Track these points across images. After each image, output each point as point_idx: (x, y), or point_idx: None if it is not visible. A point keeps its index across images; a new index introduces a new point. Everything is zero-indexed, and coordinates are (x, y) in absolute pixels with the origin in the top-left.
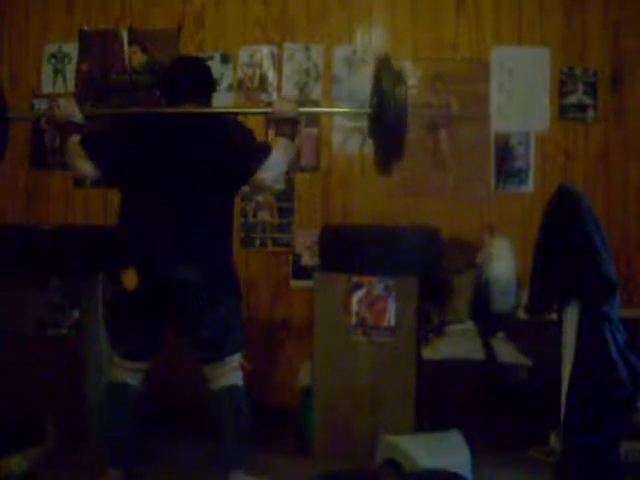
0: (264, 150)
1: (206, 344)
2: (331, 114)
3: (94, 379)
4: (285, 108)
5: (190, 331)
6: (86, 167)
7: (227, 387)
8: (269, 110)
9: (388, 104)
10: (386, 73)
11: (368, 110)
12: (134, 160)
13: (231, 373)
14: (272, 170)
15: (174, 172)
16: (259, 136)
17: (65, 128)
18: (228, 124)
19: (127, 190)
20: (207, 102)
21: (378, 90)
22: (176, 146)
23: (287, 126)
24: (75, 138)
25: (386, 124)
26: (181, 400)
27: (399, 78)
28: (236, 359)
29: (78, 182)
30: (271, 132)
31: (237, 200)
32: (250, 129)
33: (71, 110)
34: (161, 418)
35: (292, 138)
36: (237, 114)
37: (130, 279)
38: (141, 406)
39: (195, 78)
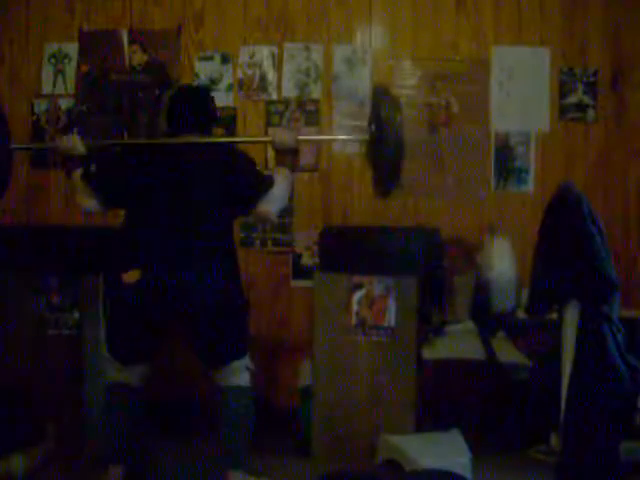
0: (266, 183)
1: (211, 352)
2: (331, 141)
3: (94, 379)
4: (285, 138)
5: (194, 340)
6: (90, 202)
7: (233, 388)
8: (269, 140)
9: (386, 131)
10: (383, 101)
11: (367, 137)
12: (136, 193)
13: (237, 374)
14: (274, 202)
15: (176, 203)
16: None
17: (68, 161)
18: (231, 155)
19: (131, 214)
20: (209, 132)
21: (376, 118)
22: (179, 178)
23: (287, 156)
24: (78, 173)
25: (384, 150)
26: (182, 399)
27: (396, 106)
28: (243, 362)
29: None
30: (271, 157)
31: None
32: (253, 160)
33: (73, 144)
34: (161, 417)
35: (292, 168)
36: (238, 143)
37: (130, 275)
38: (141, 405)
39: (197, 109)
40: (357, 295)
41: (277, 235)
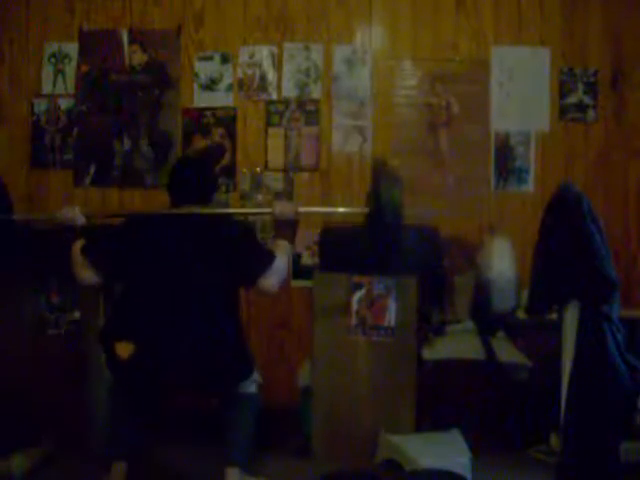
0: (267, 257)
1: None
2: (331, 214)
3: (94, 379)
4: (285, 210)
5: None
6: (88, 275)
7: (240, 395)
8: (269, 212)
9: (384, 208)
10: (382, 176)
11: (366, 210)
12: (135, 266)
13: (245, 388)
14: (275, 276)
15: (176, 276)
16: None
17: (68, 232)
18: (232, 228)
19: (129, 285)
20: (209, 202)
21: (375, 193)
22: (178, 249)
23: (287, 227)
24: (77, 245)
25: (383, 225)
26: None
27: (395, 181)
28: (252, 379)
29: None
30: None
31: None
32: (253, 230)
33: (73, 216)
34: (162, 415)
35: (292, 240)
36: (238, 214)
37: (124, 349)
38: (142, 404)
39: (196, 182)
40: (357, 295)
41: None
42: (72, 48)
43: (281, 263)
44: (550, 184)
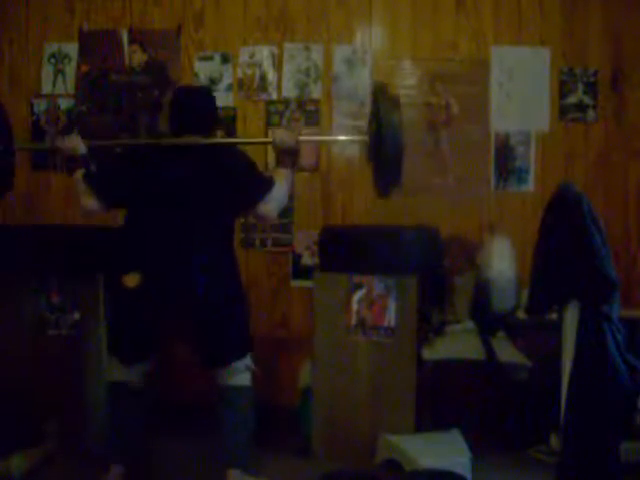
0: (266, 183)
1: (211, 353)
2: (331, 142)
3: (94, 379)
4: (285, 138)
5: (195, 341)
6: (91, 202)
7: (233, 387)
8: (269, 140)
9: (385, 131)
10: (382, 100)
11: (366, 138)
12: (137, 192)
13: (238, 374)
14: (274, 202)
15: (177, 203)
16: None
17: (70, 162)
18: (231, 156)
19: (132, 214)
20: (210, 133)
21: (375, 117)
22: (179, 178)
23: (287, 156)
24: (79, 173)
25: (384, 150)
26: (183, 397)
27: (395, 105)
28: (244, 362)
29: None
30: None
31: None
32: (253, 161)
33: (74, 144)
34: (162, 415)
35: (292, 168)
36: (238, 144)
37: (131, 279)
38: (142, 404)
39: (198, 110)
40: (357, 295)
41: (277, 235)
42: (72, 48)
43: (281, 189)
44: (550, 184)
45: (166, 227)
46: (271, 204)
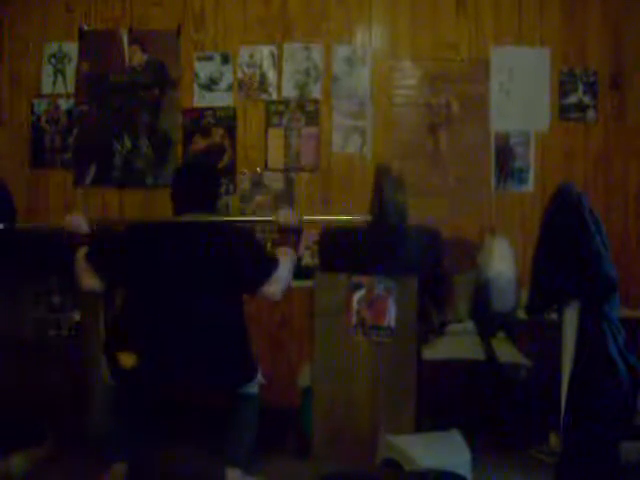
0: (271, 264)
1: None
2: (333, 222)
3: (94, 380)
4: (289, 219)
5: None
6: (92, 282)
7: (240, 395)
8: (273, 219)
9: (388, 214)
10: (386, 184)
11: (369, 219)
12: (139, 273)
13: (247, 389)
14: (278, 283)
15: (179, 285)
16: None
17: (73, 239)
18: (236, 236)
19: (132, 294)
20: (213, 210)
21: (378, 200)
22: (180, 259)
23: (291, 235)
24: (82, 252)
25: (386, 231)
26: (183, 398)
27: (399, 187)
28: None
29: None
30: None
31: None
32: (257, 239)
33: (78, 223)
34: (162, 415)
35: (296, 247)
36: (242, 222)
37: (127, 359)
38: (143, 404)
39: (200, 189)
40: (357, 295)
41: (277, 235)
42: (72, 48)
43: (284, 270)
44: (550, 184)
45: (166, 308)
46: (275, 285)
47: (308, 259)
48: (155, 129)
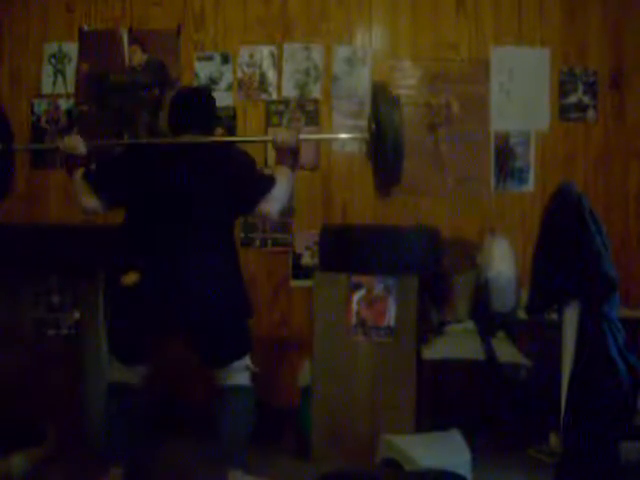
0: (268, 181)
1: (211, 352)
2: (331, 141)
3: (94, 379)
4: (286, 138)
5: (194, 341)
6: (91, 201)
7: (232, 387)
8: (270, 139)
9: (385, 129)
10: (382, 99)
11: (367, 136)
12: (138, 192)
13: (237, 374)
14: (275, 201)
15: (178, 202)
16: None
17: (70, 161)
18: (232, 155)
19: (131, 214)
20: (210, 132)
21: (375, 115)
22: (180, 177)
23: (288, 155)
24: (79, 173)
25: (384, 148)
26: (183, 397)
27: (395, 104)
28: (243, 362)
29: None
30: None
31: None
32: (253, 160)
33: (74, 144)
34: (162, 416)
35: (293, 167)
36: (239, 143)
37: (129, 278)
38: (142, 405)
39: (198, 109)
40: (357, 295)
41: (277, 235)
42: (72, 48)
43: (282, 188)
44: (550, 184)
45: (165, 227)
46: (272, 203)
47: (308, 259)
48: (155, 129)
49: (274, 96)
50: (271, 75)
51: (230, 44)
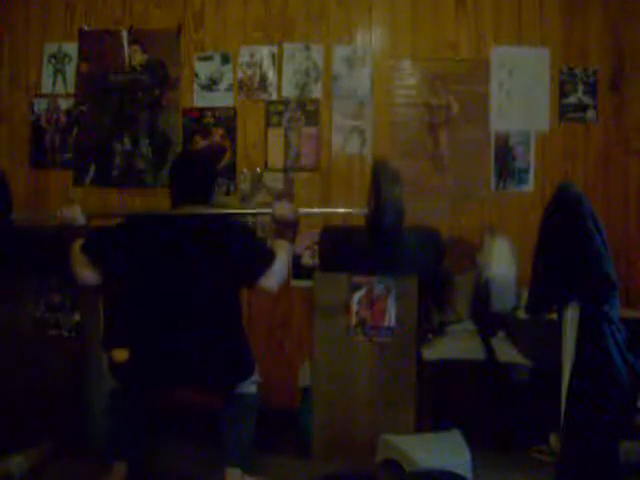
0: (267, 257)
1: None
2: (330, 214)
3: (94, 380)
4: (285, 212)
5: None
6: (87, 274)
7: (238, 395)
8: (269, 212)
9: (385, 209)
10: (383, 177)
11: (365, 211)
12: (135, 266)
13: (244, 387)
14: (275, 276)
15: (175, 277)
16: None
17: (68, 232)
18: (232, 228)
19: (129, 288)
20: (209, 202)
21: (376, 193)
22: (179, 251)
23: (287, 228)
24: (77, 244)
25: (383, 226)
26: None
27: (395, 181)
28: (250, 380)
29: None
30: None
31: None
32: (252, 231)
33: (74, 216)
34: (163, 416)
35: (292, 240)
36: (239, 215)
37: (120, 355)
38: (143, 404)
39: (196, 178)
40: (357, 295)
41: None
42: (72, 48)
43: (282, 263)
44: (550, 184)
45: (162, 301)
46: (272, 279)
47: (308, 259)
48: (155, 129)
49: (274, 96)
50: (271, 75)
51: (230, 44)
